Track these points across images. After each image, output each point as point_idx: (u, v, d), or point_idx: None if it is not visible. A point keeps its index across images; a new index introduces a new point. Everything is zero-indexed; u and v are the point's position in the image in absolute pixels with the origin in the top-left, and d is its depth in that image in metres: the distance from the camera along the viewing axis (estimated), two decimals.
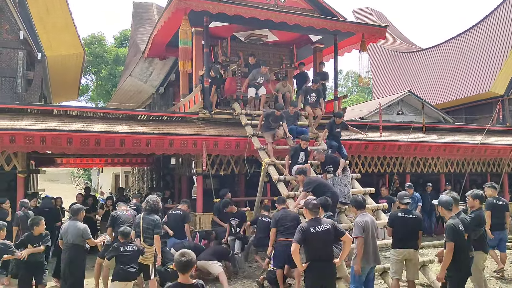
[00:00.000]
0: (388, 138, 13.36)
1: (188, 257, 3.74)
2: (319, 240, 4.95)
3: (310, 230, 4.95)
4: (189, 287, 3.75)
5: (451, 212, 5.48)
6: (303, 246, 5.01)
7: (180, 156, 13.09)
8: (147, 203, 6.98)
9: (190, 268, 3.74)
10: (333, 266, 5.10)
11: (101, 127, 10.23)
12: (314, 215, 5.12)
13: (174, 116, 11.96)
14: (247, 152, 10.98)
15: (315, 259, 4.98)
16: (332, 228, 5.05)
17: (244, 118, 11.08)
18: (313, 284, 4.99)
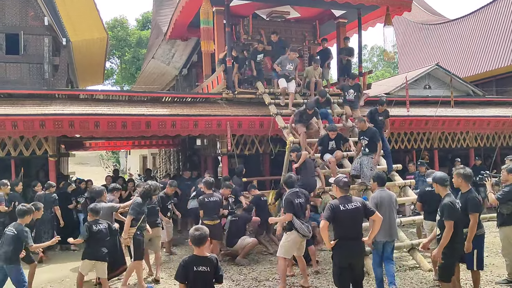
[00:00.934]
0: (415, 113, 13.09)
1: (202, 231, 4.00)
2: (349, 218, 4.91)
3: (340, 208, 4.92)
4: (203, 258, 3.99)
5: (447, 189, 5.31)
6: (332, 223, 4.97)
7: (205, 137, 13.18)
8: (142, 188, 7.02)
9: (204, 242, 3.99)
10: (361, 244, 5.08)
11: (127, 110, 10.38)
12: (345, 193, 5.07)
13: (198, 97, 12.00)
14: (271, 131, 10.96)
15: (344, 237, 4.96)
16: (362, 206, 5.01)
17: (268, 97, 11.02)
18: (340, 262, 4.99)
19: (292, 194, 6.48)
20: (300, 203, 6.46)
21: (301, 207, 6.49)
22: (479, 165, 13.15)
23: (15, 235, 5.72)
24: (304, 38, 13.49)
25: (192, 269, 3.95)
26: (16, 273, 5.70)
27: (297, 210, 6.38)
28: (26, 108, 9.81)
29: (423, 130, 13.50)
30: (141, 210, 6.57)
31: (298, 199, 6.46)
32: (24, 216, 5.88)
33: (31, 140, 10.11)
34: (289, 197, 6.45)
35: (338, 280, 5.04)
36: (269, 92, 11.29)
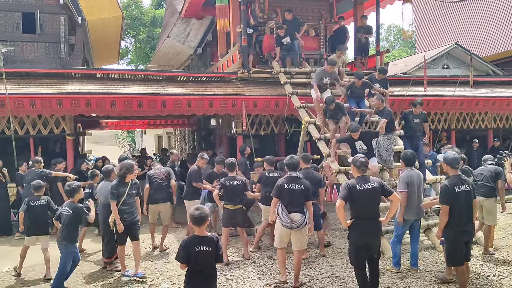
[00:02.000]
0: (432, 93, 12.86)
1: (202, 211, 3.98)
2: (365, 198, 4.86)
3: (356, 187, 4.88)
4: (204, 238, 3.98)
5: (457, 171, 5.18)
6: (348, 203, 4.94)
7: (220, 117, 13.18)
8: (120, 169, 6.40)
9: (205, 222, 3.97)
10: (378, 224, 5.02)
11: (142, 89, 10.40)
12: (362, 173, 5.02)
13: (213, 76, 11.96)
14: (287, 111, 10.90)
15: (360, 216, 4.93)
16: (379, 186, 4.94)
17: (283, 77, 10.92)
18: (356, 241, 4.97)
19: (287, 178, 5.71)
20: (292, 189, 5.59)
21: (292, 194, 5.57)
22: (498, 146, 12.93)
23: (69, 214, 5.84)
24: (321, 16, 13.26)
25: (193, 250, 3.91)
26: (69, 252, 5.85)
27: (285, 197, 5.58)
28: (43, 87, 9.89)
29: (440, 111, 13.29)
30: (119, 192, 6.15)
31: (293, 184, 5.61)
32: (74, 195, 5.97)
33: (48, 119, 10.22)
34: (282, 179, 5.77)
35: (354, 258, 5.05)
36: (285, 71, 11.17)
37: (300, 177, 5.76)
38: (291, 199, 5.59)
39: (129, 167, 6.28)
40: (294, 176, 5.73)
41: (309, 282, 5.96)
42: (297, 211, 5.58)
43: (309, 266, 6.64)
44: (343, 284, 5.85)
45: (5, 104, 9.31)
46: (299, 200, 5.60)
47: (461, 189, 5.06)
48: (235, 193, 6.96)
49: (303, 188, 5.63)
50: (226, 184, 6.93)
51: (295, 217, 5.56)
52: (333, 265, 6.65)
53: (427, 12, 27.48)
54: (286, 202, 5.61)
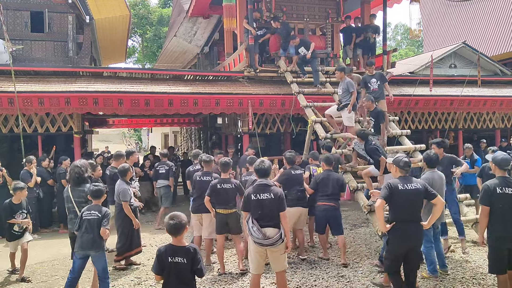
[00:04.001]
0: (440, 92, 12.81)
1: (177, 220, 3.69)
2: (407, 199, 4.60)
3: (398, 187, 4.61)
4: (179, 249, 3.70)
5: (505, 172, 4.91)
6: (388, 205, 4.68)
7: (227, 116, 13.20)
8: (70, 172, 5.95)
9: (181, 231, 3.69)
10: (420, 228, 4.70)
11: (149, 88, 10.44)
12: (405, 173, 4.76)
13: (220, 75, 11.97)
14: (293, 110, 10.91)
15: (401, 219, 4.61)
16: (423, 188, 4.67)
17: (290, 76, 10.92)
18: (396, 247, 4.69)
19: (254, 187, 5.03)
20: (260, 200, 4.89)
21: (261, 205, 4.89)
22: (505, 146, 12.84)
23: (99, 218, 5.17)
24: (327, 15, 13.23)
25: (167, 260, 3.65)
26: (103, 260, 5.24)
27: (254, 209, 4.92)
28: (51, 85, 9.95)
29: (448, 110, 13.22)
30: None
31: (261, 194, 4.91)
32: (101, 197, 5.41)
33: (56, 117, 10.29)
34: (249, 189, 5.10)
35: (390, 266, 4.81)
36: (291, 70, 11.16)
37: (270, 185, 4.98)
38: (261, 212, 4.87)
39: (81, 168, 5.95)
40: (263, 183, 4.99)
41: (315, 281, 5.96)
42: (271, 225, 4.86)
43: (314, 266, 6.64)
44: (349, 284, 5.84)
45: (14, 102, 9.39)
46: (271, 211, 4.85)
47: (505, 191, 4.72)
48: (228, 196, 6.35)
49: (273, 197, 4.87)
50: (218, 187, 6.33)
51: (268, 231, 4.85)
52: (339, 264, 6.64)
53: (434, 11, 27.33)
54: (256, 215, 4.91)
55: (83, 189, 5.79)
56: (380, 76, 9.47)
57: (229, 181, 6.42)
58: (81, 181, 5.87)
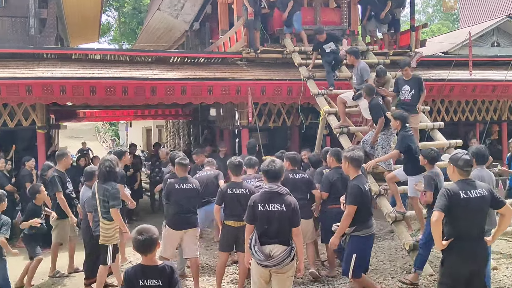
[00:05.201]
0: (480, 77, 12.79)
1: (147, 235, 3.55)
2: (471, 209, 4.42)
3: (460, 195, 4.42)
4: (151, 269, 3.60)
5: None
6: (446, 216, 4.47)
7: (221, 106, 13.20)
8: (99, 168, 6.41)
9: (152, 248, 3.59)
10: (484, 245, 4.57)
11: (128, 73, 10.45)
12: (465, 176, 4.56)
13: (213, 57, 11.98)
14: (302, 99, 10.90)
15: (463, 235, 4.46)
16: (489, 195, 4.49)
17: (298, 57, 10.91)
18: (456, 270, 4.53)
19: (262, 194, 4.94)
20: (268, 211, 4.82)
21: (268, 218, 4.82)
22: None
23: None
24: None
25: (137, 284, 3.56)
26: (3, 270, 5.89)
27: (260, 222, 4.86)
28: (9, 71, 9.94)
29: (489, 98, 13.21)
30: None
31: (270, 204, 4.84)
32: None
33: (16, 109, 10.29)
34: (255, 196, 5.02)
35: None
36: (300, 50, 11.16)
37: (282, 193, 4.89)
38: (269, 226, 4.82)
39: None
40: (273, 191, 4.88)
41: None
42: (277, 241, 4.79)
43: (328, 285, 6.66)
44: None
45: None
46: (281, 226, 4.80)
47: None
48: (241, 205, 6.08)
49: (285, 209, 4.78)
50: (228, 192, 6.27)
51: (273, 249, 4.77)
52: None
53: None
54: (261, 229, 4.84)
55: (108, 187, 6.16)
56: (417, 84, 8.81)
57: (242, 186, 6.34)
58: (111, 177, 6.24)
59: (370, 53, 11.54)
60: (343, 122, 9.11)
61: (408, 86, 8.75)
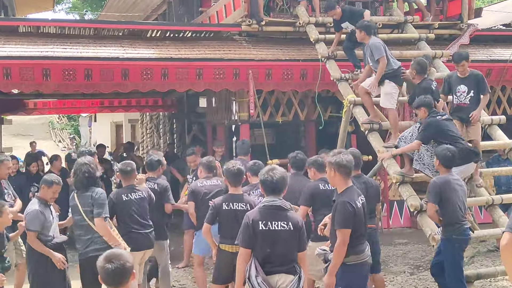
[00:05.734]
0: None
1: (118, 262, 3.54)
2: None
3: None
4: None
5: None
6: None
7: (214, 95, 13.20)
8: (75, 173, 6.63)
9: (124, 279, 3.58)
10: None
11: (92, 51, 10.45)
12: None
13: (203, 30, 11.98)
14: (319, 85, 10.88)
15: None
16: None
17: (314, 31, 10.90)
18: None
19: (261, 210, 5.10)
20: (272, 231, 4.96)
21: (273, 239, 4.97)
22: None
23: None
24: None
25: None
26: None
27: (261, 245, 4.98)
28: None
29: None
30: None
31: (273, 222, 4.97)
32: None
33: None
34: (252, 213, 5.18)
35: None
36: (316, 22, 11.15)
37: (286, 208, 5.09)
38: (272, 250, 4.95)
39: None
40: (275, 206, 5.05)
41: None
42: (283, 270, 4.95)
43: None
44: None
45: None
46: (288, 250, 4.99)
47: None
48: (238, 224, 5.81)
49: (292, 228, 4.96)
50: (223, 208, 6.37)
51: (279, 280, 4.94)
52: None
53: None
54: (262, 254, 4.97)
55: (91, 194, 6.37)
56: (477, 82, 8.57)
57: (242, 200, 6.48)
58: (92, 182, 6.49)
59: (409, 26, 11.48)
60: (374, 116, 9.11)
61: (464, 86, 8.53)
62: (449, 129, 7.55)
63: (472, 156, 7.56)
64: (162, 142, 19.93)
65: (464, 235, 6.69)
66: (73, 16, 39.46)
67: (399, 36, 11.64)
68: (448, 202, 6.62)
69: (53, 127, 41.59)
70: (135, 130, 26.69)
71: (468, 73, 8.61)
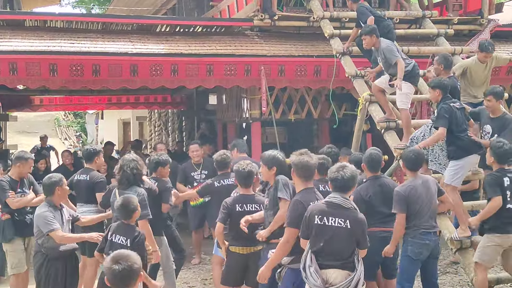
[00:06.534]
0: None
1: (126, 264, 3.57)
2: None
3: None
4: None
5: None
6: None
7: (225, 92, 13.18)
8: (122, 168, 6.90)
9: (131, 282, 3.61)
10: None
11: (100, 47, 10.46)
12: None
13: (214, 25, 11.98)
14: (334, 82, 10.84)
15: None
16: None
17: (329, 26, 10.86)
18: None
19: (321, 206, 5.33)
20: (330, 226, 5.19)
21: (331, 235, 5.19)
22: None
23: None
24: None
25: None
26: None
27: (317, 239, 5.22)
28: None
29: None
30: None
31: (332, 218, 5.22)
32: None
33: None
34: (312, 208, 5.35)
35: None
36: (331, 16, 11.10)
37: (347, 207, 5.27)
38: (328, 245, 5.17)
39: None
40: (335, 203, 5.27)
41: None
42: (338, 265, 5.17)
43: None
44: None
45: None
46: (345, 247, 5.21)
47: None
48: (252, 226, 6.31)
49: (351, 226, 5.18)
50: (237, 210, 6.44)
51: (332, 275, 5.15)
52: None
53: None
54: (315, 247, 5.21)
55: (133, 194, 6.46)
56: (507, 128, 7.99)
57: (254, 200, 6.59)
58: (137, 180, 6.85)
59: (427, 21, 11.43)
60: (390, 114, 9.06)
61: (491, 127, 8.10)
62: (461, 119, 7.51)
63: (476, 148, 7.46)
64: (171, 140, 19.93)
65: (419, 239, 6.64)
66: (80, 10, 39.57)
67: (417, 32, 11.63)
68: (410, 207, 6.59)
69: (59, 125, 41.70)
70: (143, 128, 26.73)
71: (500, 114, 8.16)
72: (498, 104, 8.15)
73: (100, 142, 32.07)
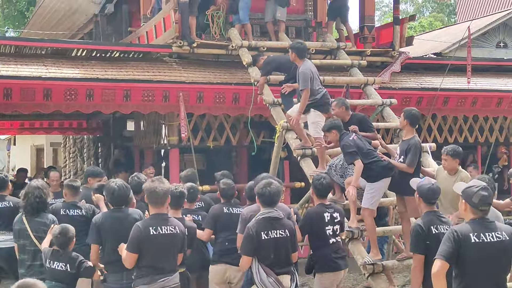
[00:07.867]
0: (482, 86, 13.25)
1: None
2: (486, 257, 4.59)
3: (471, 238, 4.58)
4: None
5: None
6: (454, 267, 4.69)
7: (143, 118, 13.10)
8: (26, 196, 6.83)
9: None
10: None
11: (12, 70, 10.28)
12: (481, 215, 4.71)
13: (131, 50, 11.98)
14: (252, 110, 10.92)
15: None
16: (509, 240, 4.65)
17: (247, 54, 10.99)
18: None
19: (260, 221, 5.99)
20: (274, 238, 5.95)
21: (276, 246, 5.98)
22: None
23: None
24: None
25: None
26: None
27: (265, 252, 5.95)
28: None
29: (494, 114, 13.63)
30: None
31: (273, 230, 5.97)
32: None
33: None
34: (252, 224, 6.00)
35: None
36: (249, 45, 11.26)
37: (281, 217, 6.05)
38: (274, 255, 5.98)
39: None
40: (273, 216, 6.01)
41: None
42: (286, 271, 6.09)
43: None
44: None
45: None
46: (286, 253, 6.07)
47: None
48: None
49: (288, 234, 6.03)
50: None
51: (286, 280, 6.01)
52: None
53: None
54: (268, 260, 5.95)
55: (44, 221, 6.68)
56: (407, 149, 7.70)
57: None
58: (43, 208, 6.82)
59: (341, 52, 11.75)
60: (305, 142, 9.18)
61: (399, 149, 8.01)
62: (366, 146, 7.63)
63: (387, 171, 7.57)
64: (86, 166, 19.55)
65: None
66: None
67: (332, 62, 11.93)
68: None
69: None
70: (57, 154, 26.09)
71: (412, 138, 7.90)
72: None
73: (12, 169, 31.16)
